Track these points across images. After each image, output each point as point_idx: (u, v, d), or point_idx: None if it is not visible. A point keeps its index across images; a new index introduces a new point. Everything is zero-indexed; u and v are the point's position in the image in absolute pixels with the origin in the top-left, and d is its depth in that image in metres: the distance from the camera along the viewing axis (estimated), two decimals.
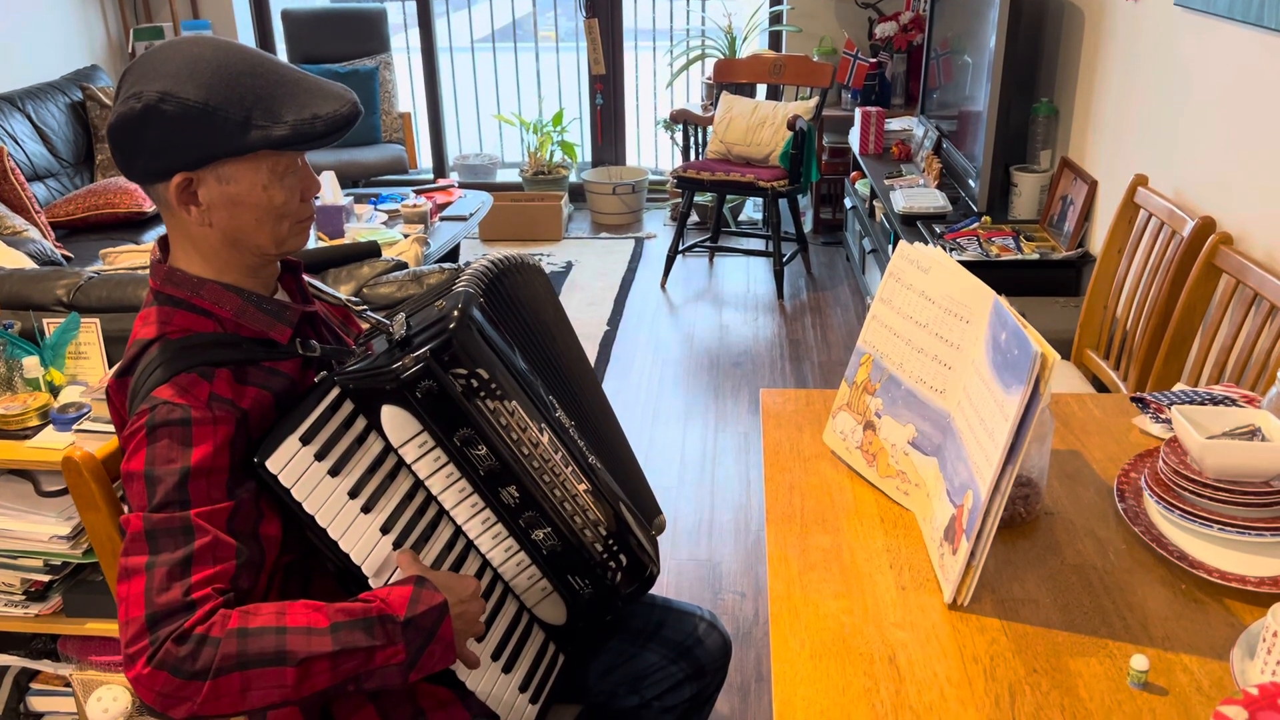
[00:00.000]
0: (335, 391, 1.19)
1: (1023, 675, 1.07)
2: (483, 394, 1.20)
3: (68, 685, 2.12)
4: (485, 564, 1.29)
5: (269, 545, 1.16)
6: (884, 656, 1.10)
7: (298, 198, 1.21)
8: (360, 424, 1.20)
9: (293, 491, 1.13)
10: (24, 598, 1.96)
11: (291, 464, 1.13)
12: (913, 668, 1.08)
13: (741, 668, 2.35)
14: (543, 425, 1.26)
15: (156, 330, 1.18)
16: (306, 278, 1.37)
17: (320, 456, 1.15)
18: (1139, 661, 1.04)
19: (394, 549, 1.21)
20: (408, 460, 1.22)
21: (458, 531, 1.27)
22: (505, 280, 1.37)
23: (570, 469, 1.28)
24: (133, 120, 1.11)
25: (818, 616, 1.16)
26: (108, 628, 1.98)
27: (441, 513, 1.26)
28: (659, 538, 1.48)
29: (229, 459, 1.13)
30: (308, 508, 1.14)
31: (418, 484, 1.24)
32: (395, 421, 1.19)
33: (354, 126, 1.18)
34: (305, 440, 1.14)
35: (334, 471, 1.16)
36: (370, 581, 1.19)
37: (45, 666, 2.11)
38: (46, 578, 1.95)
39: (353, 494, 1.17)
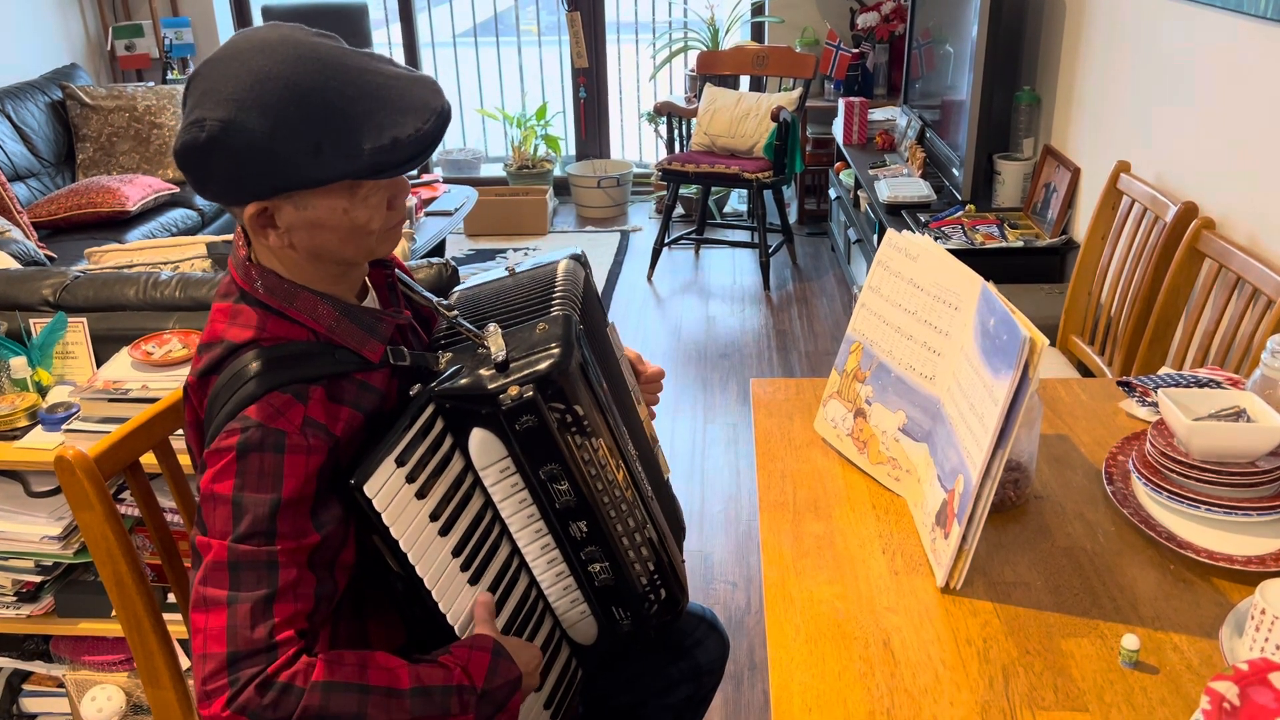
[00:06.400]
0: (430, 409, 1.16)
1: (1016, 657, 1.08)
2: (574, 429, 1.17)
3: (61, 686, 2.11)
4: (532, 582, 1.28)
5: (342, 574, 1.13)
6: (878, 640, 1.11)
7: (383, 210, 1.13)
8: (448, 443, 1.18)
9: (384, 517, 1.10)
10: (15, 599, 1.96)
11: (386, 487, 1.10)
12: (907, 651, 1.09)
13: (734, 656, 2.36)
14: (620, 462, 1.24)
15: (250, 334, 1.12)
16: (399, 274, 1.31)
17: (411, 479, 1.12)
18: (1130, 641, 1.06)
19: (461, 571, 1.19)
20: (486, 483, 1.20)
21: (515, 551, 1.26)
22: (585, 291, 1.34)
23: (638, 507, 1.27)
24: (197, 151, 1.04)
25: (812, 602, 1.17)
26: (100, 628, 1.97)
27: (504, 533, 1.24)
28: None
29: (316, 487, 1.09)
30: (394, 533, 1.11)
31: (488, 504, 1.22)
32: (484, 446, 1.17)
33: (444, 136, 1.09)
34: (400, 462, 1.11)
35: (420, 494, 1.14)
36: (447, 617, 1.17)
37: (38, 667, 2.11)
38: (38, 578, 1.94)
39: (434, 516, 1.15)
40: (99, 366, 2.01)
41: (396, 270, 1.32)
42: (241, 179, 1.05)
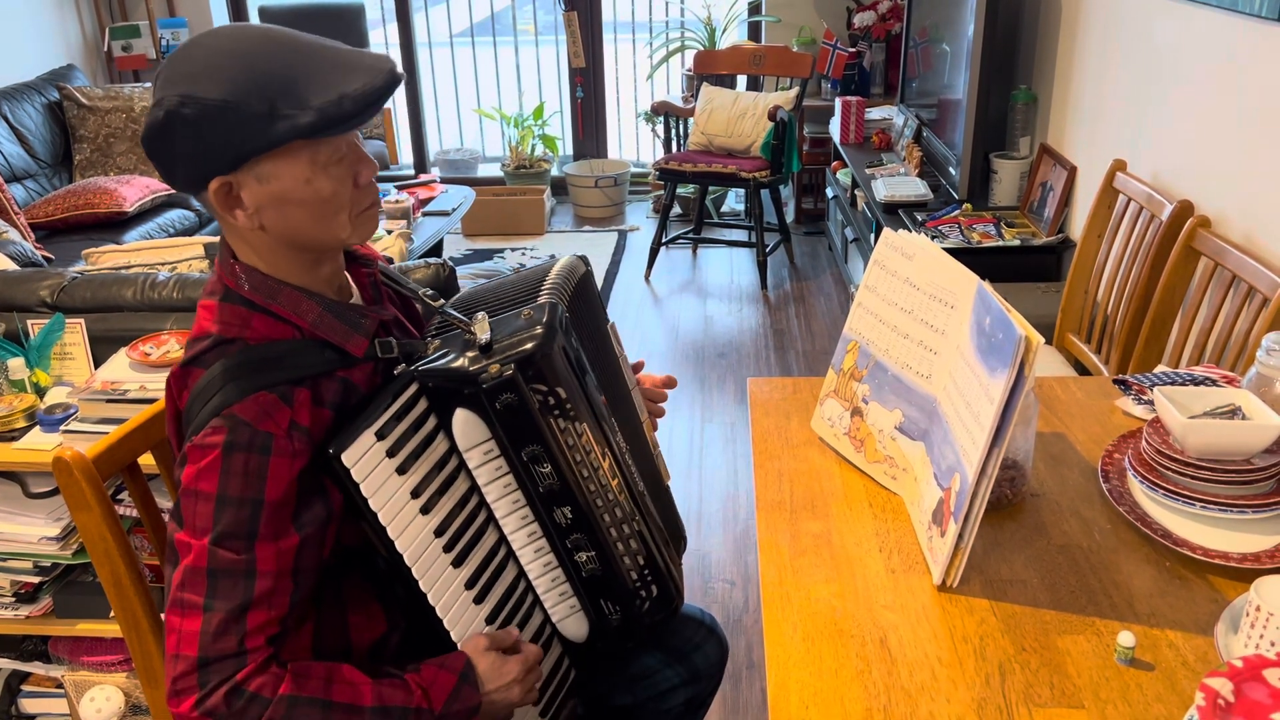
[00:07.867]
0: (413, 387, 1.17)
1: (1012, 654, 1.08)
2: (557, 413, 1.19)
3: (60, 687, 2.11)
4: (521, 574, 1.29)
5: (317, 570, 1.15)
6: (875, 638, 1.11)
7: (349, 184, 1.13)
8: (431, 423, 1.19)
9: (362, 487, 1.11)
10: (14, 599, 1.96)
11: (365, 459, 1.11)
12: (904, 649, 1.09)
13: (733, 655, 2.36)
14: (605, 450, 1.26)
15: (236, 331, 1.13)
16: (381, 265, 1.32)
17: (391, 454, 1.14)
18: (1125, 638, 1.06)
19: (444, 552, 1.20)
20: (470, 465, 1.21)
21: (502, 539, 1.27)
22: (581, 286, 1.35)
23: (624, 497, 1.28)
24: (157, 130, 1.05)
25: (809, 601, 1.17)
26: (99, 628, 1.97)
27: (490, 519, 1.25)
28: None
29: (297, 490, 1.10)
30: (373, 505, 1.12)
31: (473, 488, 1.23)
32: (466, 426, 1.19)
33: (391, 95, 1.11)
34: (380, 435, 1.13)
35: (401, 470, 1.15)
36: (429, 596, 1.19)
37: (36, 668, 2.11)
38: (36, 579, 1.94)
39: (415, 494, 1.16)
40: (97, 367, 2.01)
41: (380, 268, 1.32)
42: (202, 153, 1.06)
